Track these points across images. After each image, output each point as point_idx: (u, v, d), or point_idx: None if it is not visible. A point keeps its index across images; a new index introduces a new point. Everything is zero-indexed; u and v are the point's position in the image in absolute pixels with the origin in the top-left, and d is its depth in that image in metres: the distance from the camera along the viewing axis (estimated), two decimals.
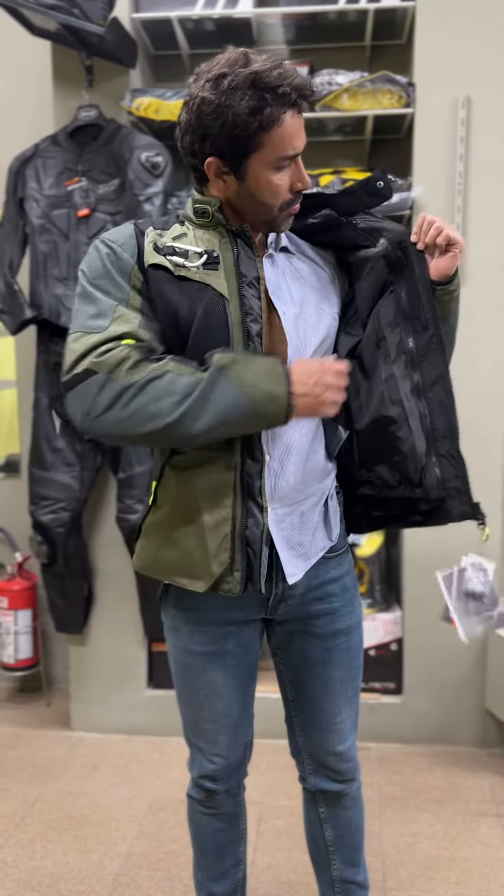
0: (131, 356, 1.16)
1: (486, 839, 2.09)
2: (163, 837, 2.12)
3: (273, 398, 1.17)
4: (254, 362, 1.18)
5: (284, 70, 1.16)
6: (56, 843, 2.10)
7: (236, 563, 1.26)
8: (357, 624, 1.44)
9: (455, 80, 2.30)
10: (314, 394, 1.19)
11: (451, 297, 1.35)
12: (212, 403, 1.15)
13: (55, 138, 2.42)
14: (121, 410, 1.15)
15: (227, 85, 1.15)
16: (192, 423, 1.15)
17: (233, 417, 1.16)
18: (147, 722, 2.65)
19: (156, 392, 1.14)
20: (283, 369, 1.18)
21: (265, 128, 1.16)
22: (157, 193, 2.29)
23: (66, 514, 2.48)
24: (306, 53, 2.59)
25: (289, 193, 1.24)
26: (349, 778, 1.49)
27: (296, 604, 1.37)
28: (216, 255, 1.24)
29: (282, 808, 2.24)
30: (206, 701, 1.41)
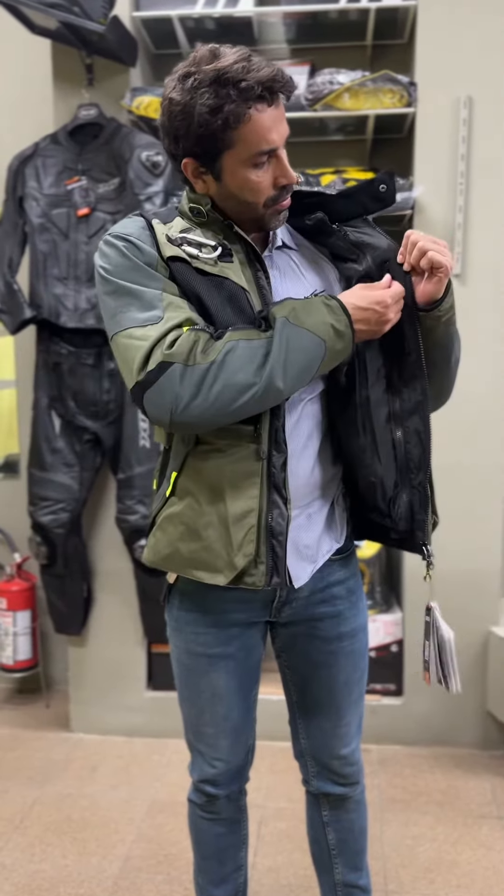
0: (200, 338, 1.14)
1: (487, 842, 2.08)
2: (162, 840, 2.11)
3: (339, 333, 1.17)
4: (309, 304, 1.18)
5: (250, 63, 1.11)
6: (55, 846, 2.09)
7: (261, 555, 1.22)
8: (362, 627, 1.43)
9: (457, 80, 2.29)
10: (370, 319, 1.19)
11: (439, 323, 1.25)
12: (291, 355, 1.14)
13: (55, 137, 2.41)
14: (208, 393, 1.12)
15: (191, 84, 1.12)
16: (279, 380, 1.14)
17: (313, 361, 1.16)
18: (146, 723, 2.64)
19: (235, 364, 1.12)
20: (336, 301, 1.18)
21: (231, 125, 1.12)
22: (158, 193, 2.28)
23: (65, 514, 2.46)
24: (307, 53, 2.58)
25: (272, 189, 1.19)
26: (353, 781, 1.48)
27: (300, 606, 1.36)
28: (229, 248, 1.22)
29: (283, 810, 2.23)
30: (207, 704, 1.39)
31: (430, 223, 2.34)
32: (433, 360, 1.28)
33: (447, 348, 1.29)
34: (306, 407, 1.28)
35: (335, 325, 1.17)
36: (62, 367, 2.40)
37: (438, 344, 1.27)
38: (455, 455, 2.40)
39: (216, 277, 1.19)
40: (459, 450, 2.39)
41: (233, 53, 1.13)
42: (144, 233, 1.21)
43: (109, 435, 2.44)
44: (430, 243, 1.20)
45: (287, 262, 1.30)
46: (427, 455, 1.28)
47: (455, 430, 2.35)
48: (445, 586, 2.44)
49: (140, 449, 2.40)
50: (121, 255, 1.19)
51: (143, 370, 1.14)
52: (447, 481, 2.42)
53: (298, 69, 2.44)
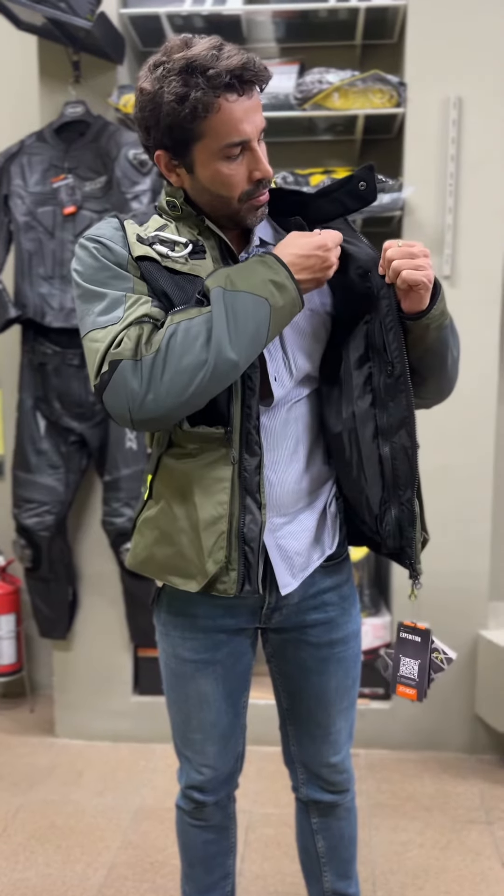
0: (144, 330, 1.11)
1: (476, 847, 2.07)
2: (148, 847, 2.08)
3: (281, 287, 1.12)
4: (244, 266, 1.14)
5: (220, 52, 1.08)
6: (39, 854, 2.05)
7: (232, 561, 1.20)
8: (355, 633, 1.40)
9: (447, 80, 2.28)
10: (313, 266, 1.14)
11: (428, 331, 1.19)
12: (235, 323, 1.09)
13: (41, 135, 2.37)
14: (160, 384, 1.09)
15: (161, 73, 1.10)
16: (229, 351, 1.09)
17: (260, 323, 1.11)
18: (132, 729, 2.61)
19: (180, 347, 1.08)
20: (272, 256, 1.14)
21: (199, 115, 1.09)
22: (145, 191, 2.26)
23: (50, 517, 2.43)
24: (297, 52, 2.56)
25: (247, 183, 1.15)
26: (343, 789, 1.46)
27: (291, 612, 1.33)
28: (201, 245, 1.19)
29: (270, 816, 2.20)
30: (194, 710, 1.37)
31: (420, 224, 2.33)
32: (428, 365, 1.24)
33: (441, 353, 1.24)
34: (293, 408, 1.26)
35: (274, 279, 1.12)
36: (47, 368, 2.37)
37: (431, 350, 1.22)
38: (444, 457, 2.39)
39: (187, 276, 1.16)
40: (448, 452, 2.38)
41: (204, 42, 1.10)
42: (116, 233, 1.18)
43: (95, 436, 2.41)
44: (405, 261, 1.14)
45: None
46: (414, 471, 1.23)
47: (444, 432, 2.34)
48: (434, 589, 2.43)
49: (126, 451, 2.37)
50: (91, 256, 1.17)
51: (99, 374, 1.12)
52: (436, 483, 2.41)
53: (287, 68, 2.42)
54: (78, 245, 1.20)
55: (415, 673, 1.28)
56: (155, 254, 1.16)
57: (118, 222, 1.20)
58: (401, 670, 1.29)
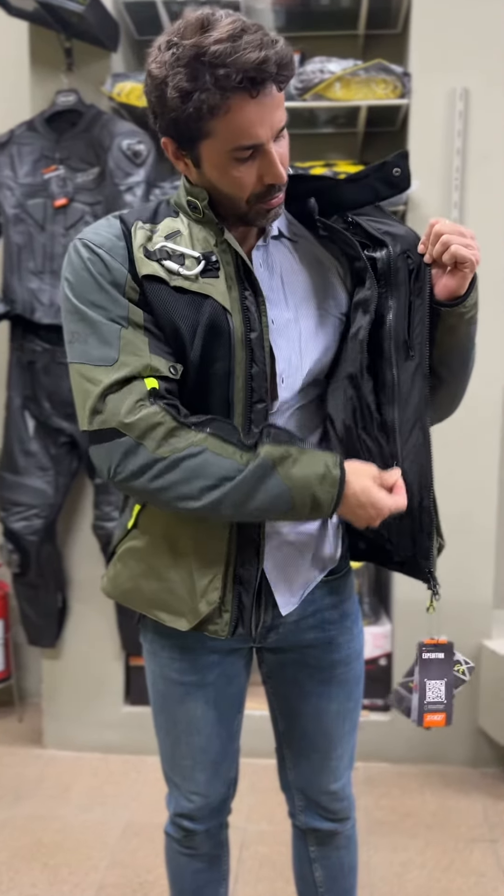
0: (165, 422, 1.03)
1: (479, 868, 1.98)
2: (137, 866, 1.99)
3: (317, 504, 1.05)
4: (307, 458, 1.05)
5: (236, 44, 0.94)
6: (24, 874, 1.97)
7: (226, 603, 1.13)
8: (357, 653, 1.31)
9: (452, 71, 2.20)
10: (358, 515, 1.07)
11: (462, 321, 1.11)
12: (253, 497, 1.03)
13: (32, 124, 2.29)
14: (148, 482, 1.04)
15: (170, 58, 0.97)
16: (228, 509, 1.04)
17: (270, 512, 1.06)
18: (123, 740, 2.52)
19: (189, 472, 1.03)
20: (339, 473, 1.05)
21: (203, 116, 0.97)
22: (139, 183, 2.17)
23: (39, 521, 2.34)
24: (297, 41, 2.47)
25: (257, 186, 1.05)
26: (343, 817, 1.37)
27: (288, 632, 1.24)
28: (215, 260, 1.08)
29: (264, 833, 2.12)
30: (183, 734, 1.28)
31: (424, 220, 2.25)
32: (449, 363, 1.15)
33: (466, 350, 1.16)
34: (296, 413, 1.17)
35: (319, 496, 1.04)
36: (36, 366, 2.28)
37: (458, 345, 1.14)
38: (447, 463, 2.30)
39: (196, 296, 1.07)
40: (452, 458, 2.29)
41: (224, 27, 0.96)
42: (117, 245, 1.07)
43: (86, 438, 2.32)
44: (455, 236, 1.06)
45: (282, 256, 1.16)
46: (428, 472, 1.15)
47: (448, 437, 2.26)
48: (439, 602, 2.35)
49: None
50: (84, 269, 1.07)
51: (93, 421, 1.05)
52: (439, 491, 2.33)
53: None
54: (72, 247, 1.09)
55: (442, 695, 1.17)
56: (164, 272, 1.06)
57: (122, 228, 1.09)
58: (427, 696, 1.17)
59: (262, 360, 1.08)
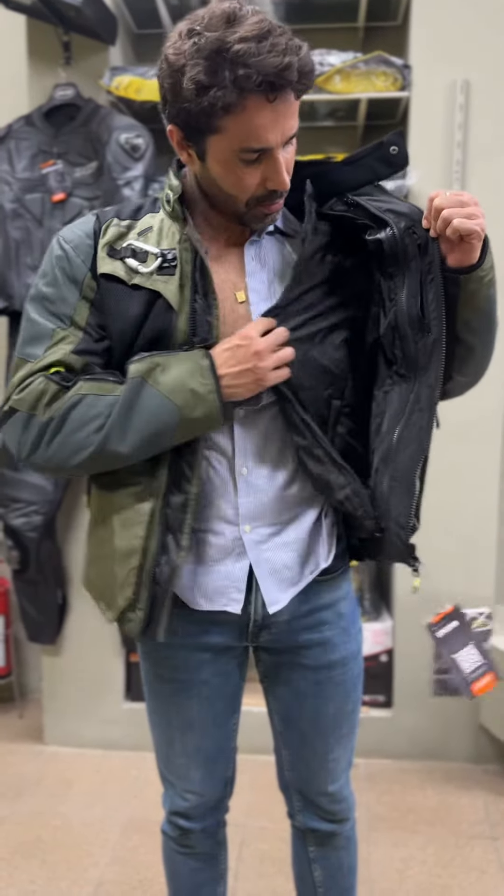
0: (49, 389, 1.07)
1: (480, 865, 1.98)
2: (137, 863, 1.99)
3: (199, 398, 1.04)
4: (175, 361, 1.05)
5: (261, 45, 0.92)
6: (23, 870, 1.96)
7: (140, 600, 1.12)
8: (354, 654, 1.28)
9: (453, 63, 2.18)
10: (250, 371, 1.05)
11: (481, 285, 1.07)
12: (134, 419, 1.05)
13: (29, 118, 2.28)
14: (46, 448, 1.07)
15: (190, 47, 0.95)
16: (118, 444, 1.05)
17: (162, 429, 1.06)
18: (124, 736, 2.52)
19: (75, 422, 1.06)
20: (209, 361, 1.05)
21: (217, 111, 0.96)
22: (137, 178, 2.16)
23: (38, 517, 2.33)
24: (297, 34, 2.45)
25: (259, 189, 1.04)
26: (341, 818, 1.36)
27: (281, 632, 1.22)
28: (172, 258, 1.08)
29: (265, 830, 2.11)
30: (177, 733, 1.27)
31: None
32: (476, 328, 1.11)
33: (491, 313, 1.12)
34: (263, 418, 1.14)
35: (197, 390, 1.04)
36: None
37: (482, 309, 1.10)
38: (447, 457, 2.29)
39: (150, 293, 1.07)
40: (452, 451, 2.28)
41: (250, 25, 0.93)
42: (86, 242, 1.10)
43: None
44: (456, 209, 1.02)
45: (276, 251, 1.14)
46: (424, 448, 1.13)
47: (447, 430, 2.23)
48: (437, 593, 2.34)
49: None
50: (50, 263, 1.11)
51: (3, 407, 1.11)
52: (440, 483, 2.32)
53: None
54: (54, 238, 1.13)
55: (477, 657, 1.14)
56: (124, 270, 1.08)
57: (95, 226, 1.11)
58: (464, 668, 1.14)
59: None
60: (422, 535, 2.51)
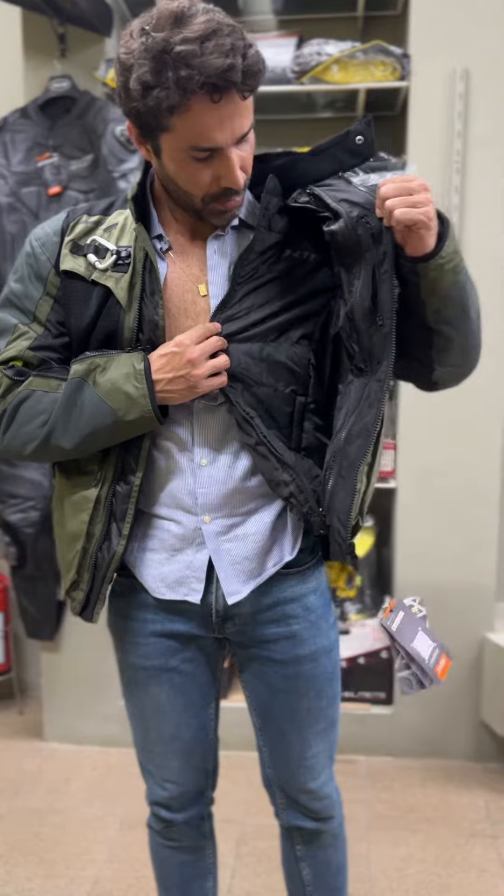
0: (2, 382, 1.12)
1: (480, 863, 1.96)
2: (134, 861, 1.98)
3: (132, 401, 1.07)
4: (114, 363, 1.08)
5: (204, 46, 0.91)
6: (21, 867, 1.96)
7: (82, 581, 1.18)
8: (326, 649, 1.25)
9: (453, 52, 2.15)
10: (183, 378, 1.06)
11: (442, 272, 1.03)
12: (74, 418, 1.09)
13: (25, 111, 2.26)
14: (2, 437, 1.14)
15: (139, 46, 0.94)
16: (60, 440, 1.10)
17: (100, 429, 1.09)
18: (123, 733, 2.47)
19: (24, 415, 1.11)
20: (144, 364, 1.07)
21: (162, 112, 0.96)
22: (133, 170, 2.14)
23: (35, 513, 2.32)
24: (295, 24, 2.43)
25: (213, 187, 1.03)
26: (325, 816, 1.33)
27: (246, 624, 1.21)
28: (126, 255, 1.09)
29: (263, 827, 2.09)
30: (151, 720, 1.27)
31: None
32: (447, 317, 1.07)
33: (462, 301, 1.07)
34: (219, 411, 1.13)
35: (130, 393, 1.06)
36: None
37: (450, 298, 1.06)
38: (449, 454, 2.27)
39: (103, 289, 1.10)
40: (454, 449, 2.25)
41: (197, 25, 0.93)
42: (52, 239, 1.13)
43: None
44: (399, 198, 0.98)
45: (239, 245, 1.12)
46: (368, 446, 1.09)
47: (448, 426, 2.22)
48: (438, 590, 2.32)
49: None
50: (21, 260, 1.16)
51: None
52: (440, 480, 2.30)
53: (285, 41, 2.30)
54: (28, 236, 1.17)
55: (429, 642, 1.16)
56: (84, 266, 1.10)
57: (64, 224, 1.14)
58: (422, 655, 1.15)
59: None
60: (424, 531, 2.48)
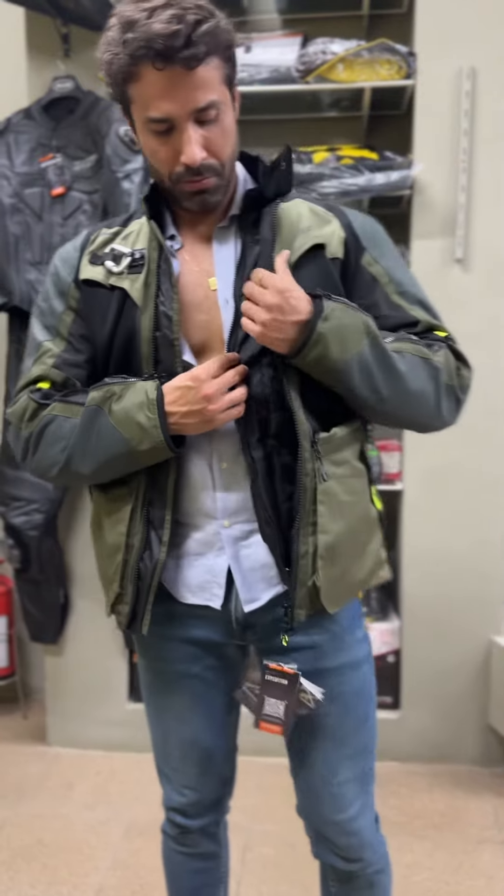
0: (29, 406, 1.11)
1: (489, 870, 1.93)
2: (139, 867, 1.96)
3: (145, 432, 1.04)
4: (129, 391, 1.06)
5: (156, 13, 0.92)
6: (24, 873, 1.94)
7: (126, 594, 1.14)
8: (353, 664, 1.18)
9: (459, 49, 2.13)
10: (199, 413, 1.03)
11: (314, 366, 1.02)
12: (92, 445, 1.08)
13: (28, 112, 2.25)
14: (31, 460, 1.14)
15: (115, 19, 0.97)
16: (79, 466, 1.09)
17: (116, 457, 1.07)
18: (127, 737, 2.49)
19: (47, 440, 1.10)
20: (157, 394, 1.04)
21: (119, 80, 0.99)
22: (137, 170, 2.12)
23: (39, 515, 2.31)
24: (300, 23, 2.42)
25: (176, 164, 1.02)
26: (355, 857, 1.22)
27: (267, 633, 1.16)
28: (140, 257, 1.09)
29: (270, 834, 2.07)
30: (171, 725, 1.25)
31: (430, 204, 2.18)
32: (361, 407, 1.08)
33: (375, 388, 1.04)
34: None
35: (142, 423, 1.04)
36: None
37: (343, 382, 1.03)
38: (456, 456, 2.24)
39: (121, 292, 1.09)
40: (461, 450, 2.23)
41: None
42: (73, 255, 1.15)
43: None
44: (247, 302, 1.02)
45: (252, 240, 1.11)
46: (299, 509, 1.07)
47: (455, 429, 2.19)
48: (444, 593, 2.30)
49: None
50: (48, 279, 1.17)
51: None
52: (447, 485, 2.27)
53: (290, 40, 2.28)
54: None
55: (280, 713, 1.14)
56: (103, 274, 1.11)
57: (84, 240, 1.15)
58: (265, 710, 1.15)
59: (171, 358, 1.07)
60: (431, 533, 2.45)
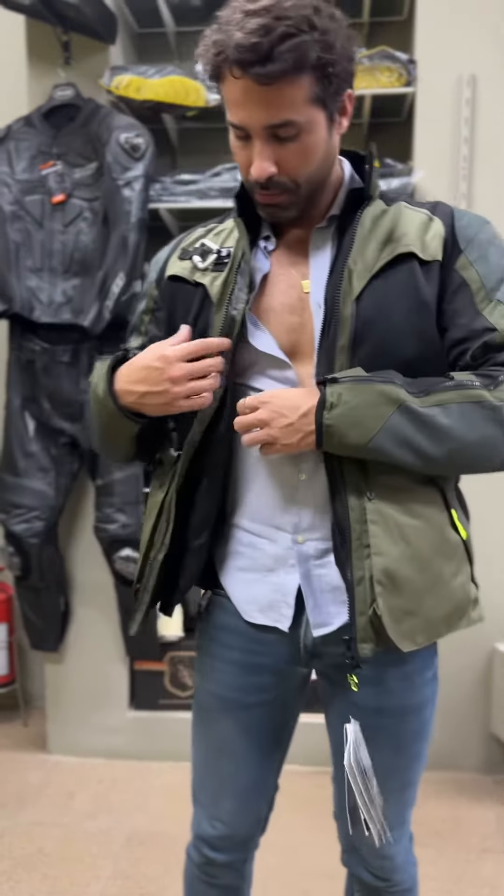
0: (97, 369, 1.14)
1: (492, 880, 1.92)
2: (140, 877, 1.94)
3: (102, 402, 1.09)
4: (100, 364, 1.12)
5: (246, 20, 0.88)
6: (24, 883, 1.93)
7: (148, 587, 1.13)
8: (416, 707, 1.12)
9: (460, 57, 2.14)
10: (159, 395, 1.02)
11: (351, 452, 0.97)
12: (93, 415, 1.13)
13: (29, 119, 2.25)
14: (91, 425, 1.18)
15: (225, 9, 0.93)
16: (98, 436, 1.15)
17: (109, 424, 1.10)
18: (128, 746, 2.48)
19: (91, 407, 1.14)
20: (108, 368, 1.09)
21: (213, 77, 0.97)
22: (138, 177, 2.12)
23: (40, 523, 2.30)
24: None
25: (249, 173, 0.99)
26: (385, 878, 1.21)
27: (336, 663, 1.07)
28: (227, 255, 1.07)
29: (272, 843, 2.02)
30: (213, 754, 1.19)
31: None
32: (414, 469, 1.00)
33: (419, 452, 0.97)
34: None
35: (99, 393, 1.09)
36: (36, 366, 2.24)
37: (396, 459, 0.97)
38: None
39: (203, 288, 1.08)
40: None
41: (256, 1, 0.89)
42: (162, 256, 1.17)
43: (87, 438, 2.28)
44: (237, 422, 1.02)
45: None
46: None
47: None
48: None
49: None
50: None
51: None
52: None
53: None
54: None
55: None
56: (188, 269, 1.10)
57: (177, 240, 1.17)
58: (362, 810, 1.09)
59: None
60: None
